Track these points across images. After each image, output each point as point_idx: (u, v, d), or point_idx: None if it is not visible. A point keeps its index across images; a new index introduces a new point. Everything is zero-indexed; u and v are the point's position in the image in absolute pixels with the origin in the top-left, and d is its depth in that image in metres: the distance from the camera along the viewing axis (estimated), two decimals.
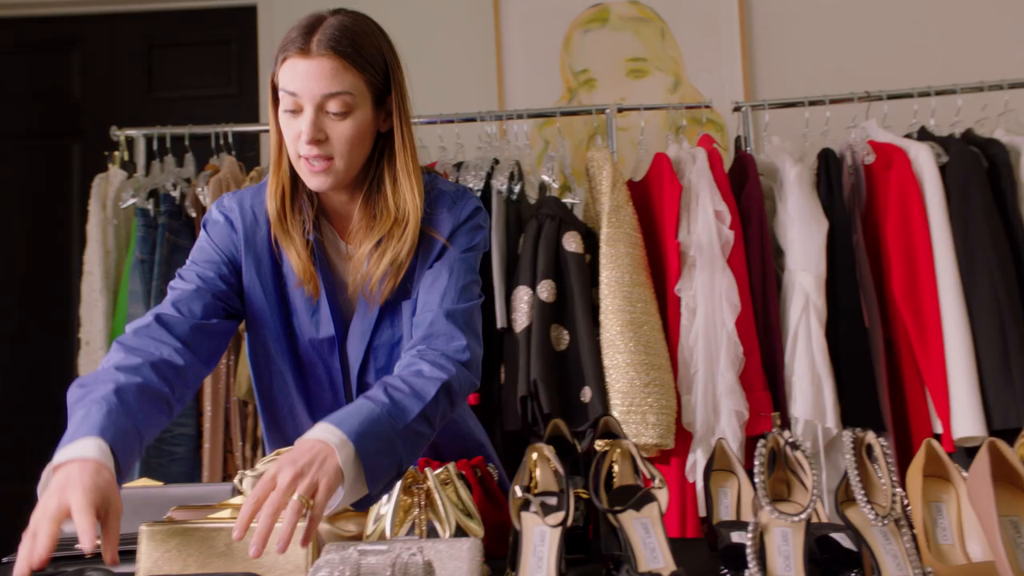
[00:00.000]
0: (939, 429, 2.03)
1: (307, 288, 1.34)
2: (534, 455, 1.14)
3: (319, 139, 1.23)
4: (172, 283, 1.35)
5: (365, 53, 1.24)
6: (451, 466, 1.28)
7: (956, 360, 1.99)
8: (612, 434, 1.38)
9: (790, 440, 0.92)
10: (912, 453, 2.02)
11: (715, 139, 2.41)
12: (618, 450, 1.04)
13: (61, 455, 1.05)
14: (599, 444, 1.20)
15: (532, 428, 2.19)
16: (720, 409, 2.06)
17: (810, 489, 0.88)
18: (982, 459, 0.88)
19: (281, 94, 1.24)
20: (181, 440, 2.22)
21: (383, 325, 1.38)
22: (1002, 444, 0.90)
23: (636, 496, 0.96)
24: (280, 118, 1.26)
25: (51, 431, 2.96)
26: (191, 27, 3.26)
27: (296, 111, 1.23)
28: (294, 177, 1.32)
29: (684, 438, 2.11)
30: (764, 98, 2.53)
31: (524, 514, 0.95)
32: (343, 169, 1.26)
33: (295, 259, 1.32)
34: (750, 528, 0.89)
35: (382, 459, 1.07)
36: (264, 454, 2.32)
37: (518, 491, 0.96)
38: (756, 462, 0.90)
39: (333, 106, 1.22)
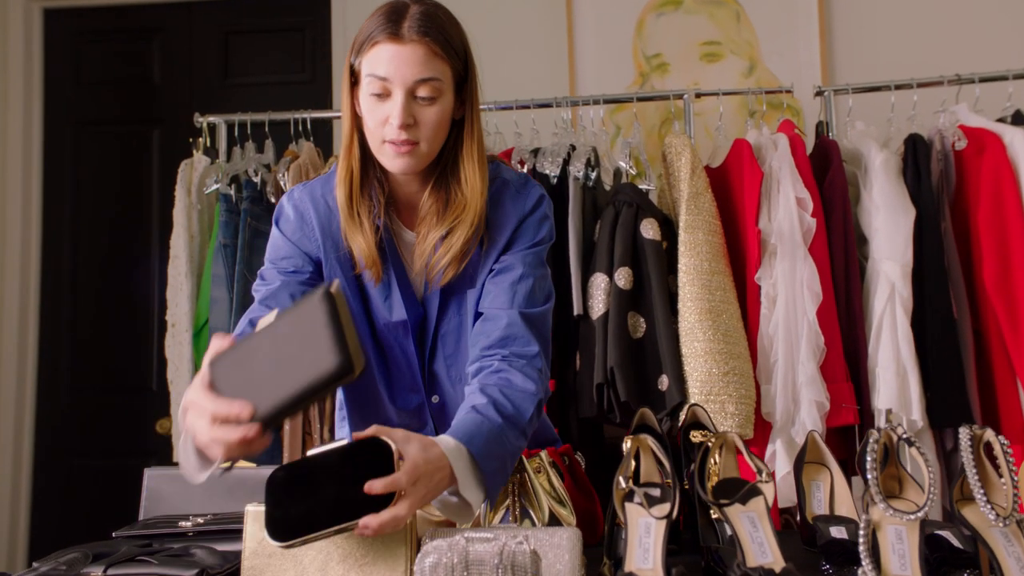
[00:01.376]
0: None
1: (370, 272, 1.35)
2: (628, 444, 1.13)
3: (409, 123, 1.24)
4: (255, 285, 1.38)
5: (452, 40, 1.26)
6: (543, 454, 1.29)
7: None
8: (700, 424, 1.37)
9: (904, 436, 0.90)
10: None
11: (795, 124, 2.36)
12: (722, 442, 1.03)
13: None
14: (696, 435, 1.19)
15: (607, 415, 2.19)
16: (800, 399, 2.03)
17: (927, 486, 0.86)
18: None
19: (367, 79, 1.25)
20: None
21: (449, 312, 1.39)
22: None
23: (743, 490, 0.95)
24: (363, 103, 1.28)
25: (133, 410, 3.08)
26: (266, 14, 3.30)
27: (384, 95, 1.24)
28: (364, 163, 1.33)
29: (763, 428, 2.08)
30: (842, 82, 2.47)
31: (628, 505, 0.95)
32: (427, 153, 1.28)
33: (362, 244, 1.33)
34: (861, 525, 0.88)
35: (498, 477, 1.11)
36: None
37: (622, 481, 0.96)
38: (868, 458, 0.89)
39: (423, 91, 1.23)
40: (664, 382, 2.10)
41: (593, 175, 2.32)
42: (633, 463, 1.12)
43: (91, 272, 3.19)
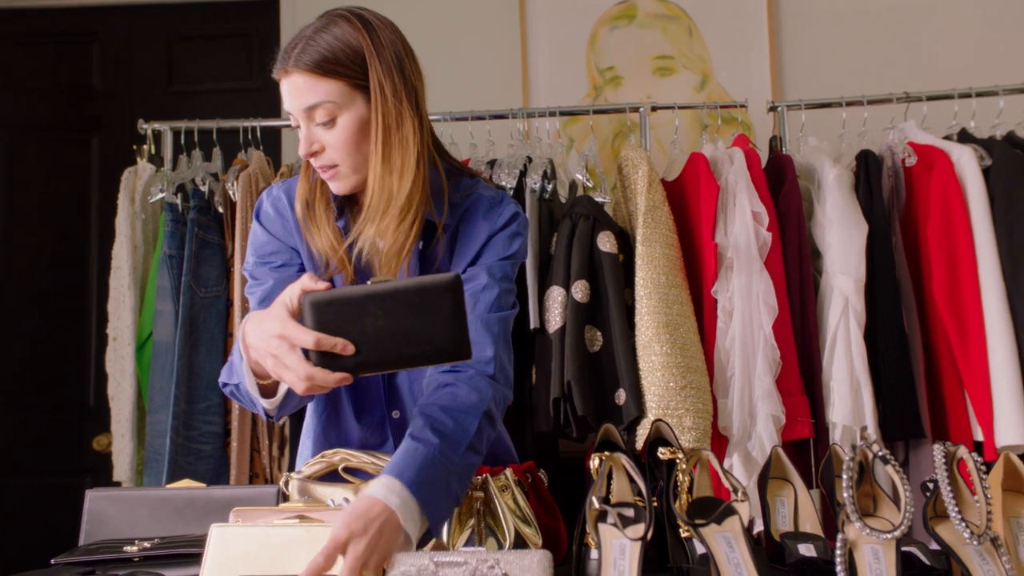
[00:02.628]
0: (979, 437, 2.01)
1: (343, 275, 1.34)
2: (597, 462, 1.11)
3: (314, 151, 1.26)
4: (249, 287, 1.37)
5: (336, 57, 1.24)
6: (508, 472, 1.26)
7: (1000, 366, 1.97)
8: (664, 440, 1.36)
9: (880, 454, 0.90)
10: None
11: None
12: (696, 459, 1.01)
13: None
14: (664, 452, 1.17)
15: (564, 430, 2.17)
16: (757, 413, 2.03)
17: (903, 505, 0.85)
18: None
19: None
20: (208, 438, 2.19)
21: None
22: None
23: (719, 509, 0.93)
24: None
25: (72, 426, 2.95)
26: (211, 20, 3.23)
27: (298, 127, 1.27)
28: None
29: (719, 442, 2.08)
30: (793, 98, 2.50)
31: (602, 526, 0.93)
32: (349, 170, 1.28)
33: (324, 246, 1.33)
34: (838, 544, 0.87)
35: (442, 503, 1.08)
36: (291, 453, 2.29)
37: (595, 502, 0.93)
38: (844, 476, 0.88)
39: (319, 116, 1.24)
40: (621, 396, 2.09)
41: (550, 187, 2.30)
42: (614, 482, 1.10)
43: (25, 283, 3.06)
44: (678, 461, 1.10)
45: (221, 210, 2.29)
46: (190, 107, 2.77)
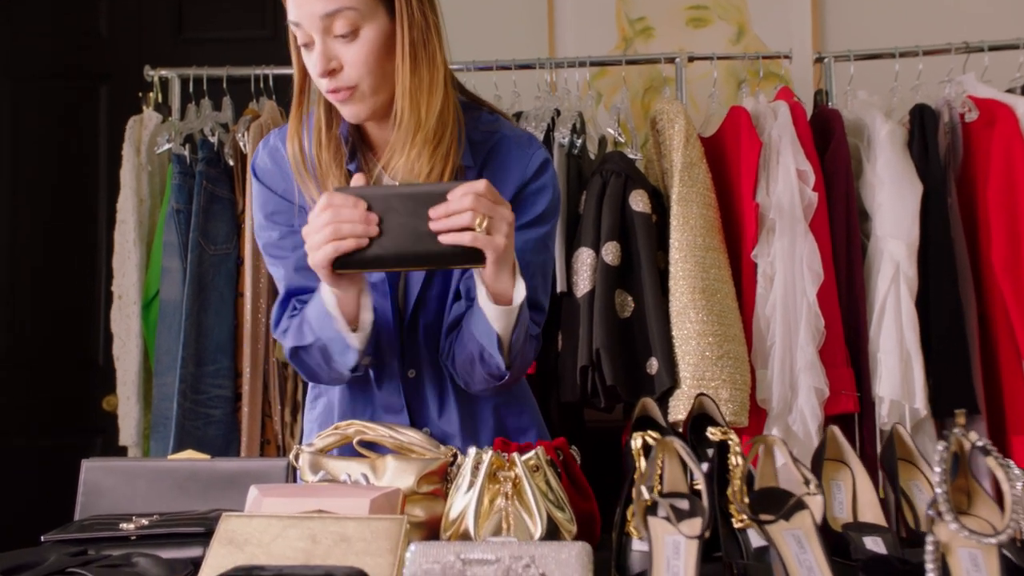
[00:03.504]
0: None
1: None
2: (638, 443, 0.99)
3: (332, 68, 1.12)
4: (269, 263, 1.29)
5: None
6: (540, 451, 1.14)
7: None
8: (709, 417, 1.24)
9: (979, 443, 0.77)
10: (1006, 438, 1.87)
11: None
12: (761, 446, 0.89)
13: None
14: (714, 432, 1.05)
15: (591, 400, 2.06)
16: (798, 385, 1.91)
17: (1009, 505, 0.73)
18: None
19: (291, 28, 1.14)
20: (218, 402, 2.09)
21: (435, 275, 1.26)
22: None
23: (789, 504, 0.81)
24: (298, 57, 1.17)
25: (77, 386, 2.87)
26: None
27: (308, 44, 1.12)
28: (328, 110, 1.21)
29: (758, 415, 1.96)
30: (834, 49, 2.33)
31: (651, 520, 0.81)
32: (369, 92, 1.14)
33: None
34: (928, 547, 0.75)
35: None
36: (303, 418, 2.19)
37: (645, 492, 0.81)
38: (938, 468, 0.76)
39: (338, 27, 1.10)
40: (653, 365, 1.97)
41: (579, 142, 2.16)
42: (665, 469, 0.98)
43: (32, 238, 2.96)
44: (731, 443, 0.98)
45: (232, 163, 2.17)
46: (201, 56, 2.63)
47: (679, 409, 1.92)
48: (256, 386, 2.11)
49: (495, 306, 1.13)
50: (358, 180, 1.08)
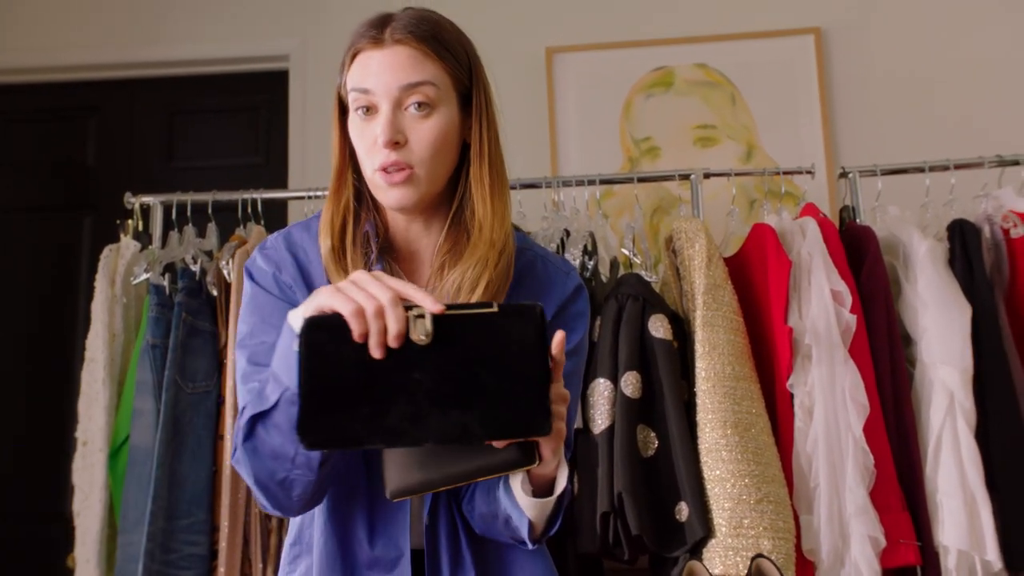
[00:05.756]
0: None
1: None
2: None
3: (398, 141, 1.01)
4: (245, 374, 1.06)
5: (446, 41, 1.04)
6: None
7: None
8: None
9: None
10: None
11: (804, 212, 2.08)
12: None
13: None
14: None
15: (612, 551, 1.81)
16: (850, 533, 1.68)
17: None
18: None
19: (351, 96, 1.04)
20: (190, 562, 1.84)
21: None
22: None
23: None
24: (351, 127, 1.05)
25: (47, 540, 2.59)
26: (216, 93, 3.01)
27: (371, 111, 1.03)
28: (358, 204, 1.09)
29: (804, 569, 1.72)
30: (848, 165, 2.21)
31: None
32: (425, 179, 1.03)
33: None
34: None
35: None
36: None
37: None
38: None
39: (414, 98, 1.01)
40: (683, 511, 1.74)
41: (591, 264, 2.01)
42: None
43: (13, 381, 2.77)
44: None
45: (215, 292, 2.00)
46: (191, 184, 2.52)
47: (715, 563, 1.68)
48: (235, 542, 1.86)
49: (531, 499, 0.97)
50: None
